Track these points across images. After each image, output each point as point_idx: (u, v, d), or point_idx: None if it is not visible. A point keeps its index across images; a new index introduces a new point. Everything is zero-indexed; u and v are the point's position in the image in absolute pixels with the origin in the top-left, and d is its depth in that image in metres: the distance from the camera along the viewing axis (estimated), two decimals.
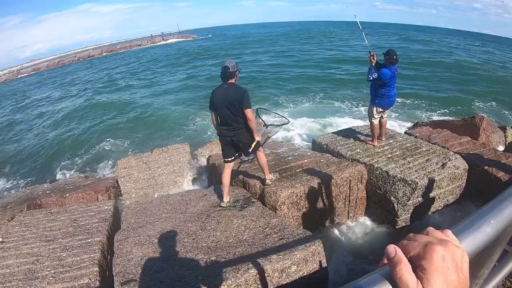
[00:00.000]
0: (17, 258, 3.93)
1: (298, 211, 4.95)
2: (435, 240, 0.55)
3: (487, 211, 0.75)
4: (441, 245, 0.53)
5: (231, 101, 4.29)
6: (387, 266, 0.55)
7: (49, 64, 57.02)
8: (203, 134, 12.73)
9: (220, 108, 4.39)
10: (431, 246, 0.52)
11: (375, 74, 5.63)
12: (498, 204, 0.78)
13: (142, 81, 26.31)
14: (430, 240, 0.55)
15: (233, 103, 4.29)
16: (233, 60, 4.46)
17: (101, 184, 6.91)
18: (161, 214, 4.78)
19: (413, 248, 0.54)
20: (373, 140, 6.35)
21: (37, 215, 5.18)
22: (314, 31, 77.00)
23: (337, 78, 21.75)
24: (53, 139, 14.21)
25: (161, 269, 3.35)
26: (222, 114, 4.43)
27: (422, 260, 0.52)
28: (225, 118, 4.43)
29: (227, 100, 4.30)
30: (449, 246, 0.53)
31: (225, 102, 4.32)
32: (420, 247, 0.54)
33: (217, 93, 4.40)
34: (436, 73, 22.13)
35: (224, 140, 4.60)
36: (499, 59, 32.25)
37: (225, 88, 4.36)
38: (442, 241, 0.55)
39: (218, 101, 4.37)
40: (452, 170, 5.23)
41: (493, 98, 16.16)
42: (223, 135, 4.56)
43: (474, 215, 0.73)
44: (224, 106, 4.34)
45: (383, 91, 5.84)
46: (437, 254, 0.51)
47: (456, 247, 0.54)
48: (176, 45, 65.19)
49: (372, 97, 6.12)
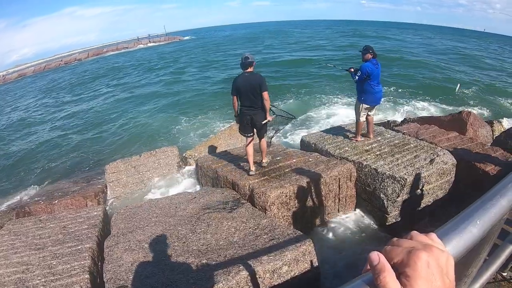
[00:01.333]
0: (7, 267, 3.88)
1: (288, 211, 4.96)
2: (419, 245, 0.54)
3: (472, 212, 0.75)
4: (425, 251, 0.51)
5: (253, 85, 5.12)
6: (370, 273, 0.54)
7: (35, 69, 56.22)
8: (191, 136, 12.70)
9: (244, 92, 5.18)
10: (415, 253, 0.51)
11: (358, 72, 5.86)
12: (484, 203, 0.78)
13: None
14: (414, 245, 0.54)
15: (254, 86, 5.12)
16: (251, 54, 5.29)
17: (90, 189, 6.84)
18: (150, 218, 4.76)
19: (397, 254, 0.53)
20: (356, 136, 6.46)
21: (26, 223, 5.11)
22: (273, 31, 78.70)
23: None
24: (38, 146, 14.07)
25: (152, 274, 3.33)
26: (245, 97, 5.22)
27: (406, 267, 0.51)
28: (247, 100, 5.23)
29: (250, 85, 5.12)
30: (433, 251, 0.52)
31: (248, 87, 5.13)
32: (404, 253, 0.53)
33: (240, 80, 5.18)
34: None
35: (244, 119, 5.38)
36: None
37: (246, 75, 5.18)
38: (426, 246, 0.53)
39: (242, 86, 5.15)
40: (441, 165, 5.28)
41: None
42: (244, 114, 5.34)
43: (459, 216, 0.73)
44: (247, 90, 5.15)
45: (367, 87, 5.92)
46: (421, 261, 0.50)
47: (441, 251, 0.53)
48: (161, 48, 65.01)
49: (358, 94, 6.20)
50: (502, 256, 1.44)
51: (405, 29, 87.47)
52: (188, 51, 49.96)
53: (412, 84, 18.87)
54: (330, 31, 69.14)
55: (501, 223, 0.88)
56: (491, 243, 1.08)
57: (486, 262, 1.35)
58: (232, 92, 5.32)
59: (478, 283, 1.26)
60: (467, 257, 0.76)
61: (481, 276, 1.30)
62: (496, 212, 0.77)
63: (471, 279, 1.13)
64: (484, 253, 1.07)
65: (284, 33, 66.03)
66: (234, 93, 5.31)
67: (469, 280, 1.11)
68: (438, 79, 20.12)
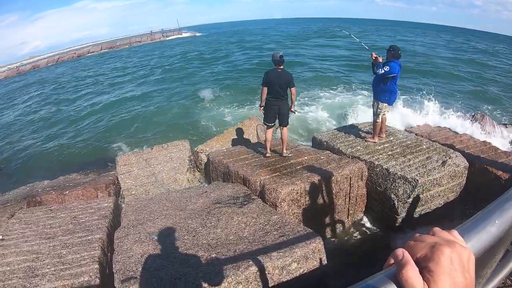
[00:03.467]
0: (17, 255, 3.92)
1: (299, 208, 4.95)
2: (442, 241, 0.54)
3: (492, 211, 0.75)
4: (449, 247, 0.52)
5: (284, 80, 5.74)
6: (392, 267, 0.55)
7: (49, 61, 56.72)
8: (203, 130, 12.71)
9: (274, 86, 5.72)
10: (438, 248, 0.52)
11: (387, 67, 5.70)
12: (502, 203, 0.78)
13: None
14: (437, 241, 0.55)
15: (286, 81, 5.75)
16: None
17: (101, 181, 6.88)
18: (161, 211, 4.78)
19: (420, 249, 0.54)
20: (374, 137, 6.33)
21: (37, 212, 5.17)
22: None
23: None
24: (50, 137, 14.22)
25: (161, 266, 3.34)
26: (275, 89, 5.75)
27: (429, 262, 0.51)
28: (277, 92, 5.78)
29: (281, 80, 5.71)
30: (456, 248, 0.53)
31: (278, 81, 5.71)
32: (427, 248, 0.53)
33: (273, 75, 5.72)
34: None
35: (272, 109, 5.92)
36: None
37: (278, 72, 5.74)
38: (449, 242, 0.54)
39: (274, 80, 5.69)
40: (453, 168, 5.23)
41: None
42: (272, 105, 5.89)
43: (478, 215, 0.73)
44: (277, 84, 5.71)
45: (391, 87, 5.87)
46: (445, 256, 0.51)
47: (463, 248, 0.54)
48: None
49: (378, 94, 6.06)
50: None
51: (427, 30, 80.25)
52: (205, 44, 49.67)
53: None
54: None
55: None
56: (505, 246, 1.07)
57: (498, 266, 1.33)
58: (264, 84, 5.79)
59: (490, 285, 1.25)
60: (482, 258, 0.76)
61: (493, 279, 1.28)
62: None
63: (485, 280, 1.12)
64: (499, 255, 1.06)
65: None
66: (265, 85, 5.77)
67: (483, 281, 1.10)
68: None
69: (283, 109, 5.94)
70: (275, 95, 5.82)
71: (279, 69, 5.76)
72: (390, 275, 0.54)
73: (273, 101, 5.88)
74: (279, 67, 5.77)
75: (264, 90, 5.82)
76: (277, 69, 5.76)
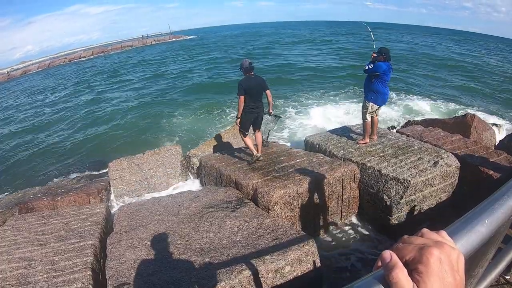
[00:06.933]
0: (9, 263, 3.89)
1: (291, 211, 4.95)
2: (430, 243, 0.54)
3: (481, 211, 0.75)
4: (437, 248, 0.52)
5: (260, 85, 5.88)
6: (381, 270, 0.54)
7: (40, 66, 56.39)
8: (194, 135, 12.71)
9: (253, 92, 5.80)
10: (427, 249, 0.52)
11: (371, 65, 5.85)
12: (492, 203, 0.78)
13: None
14: (425, 242, 0.55)
15: (261, 86, 5.89)
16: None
17: (93, 186, 6.84)
18: (153, 216, 4.76)
19: (409, 251, 0.54)
20: (364, 138, 6.37)
21: (29, 219, 5.12)
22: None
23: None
24: (42, 143, 14.10)
25: (154, 272, 3.33)
26: (254, 96, 5.84)
27: (418, 264, 0.51)
28: (256, 98, 5.89)
29: (258, 85, 5.85)
30: (445, 248, 0.53)
31: (257, 87, 5.83)
32: (415, 250, 0.53)
33: (250, 81, 5.77)
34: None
35: (251, 116, 5.98)
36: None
37: (253, 78, 5.83)
38: (437, 243, 0.54)
39: (253, 87, 5.77)
40: (444, 168, 5.26)
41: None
42: (252, 112, 5.94)
43: (468, 215, 0.73)
44: (256, 90, 5.83)
45: (377, 87, 5.92)
46: (434, 257, 0.50)
47: (452, 248, 0.54)
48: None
49: (366, 93, 6.18)
50: (506, 259, 1.43)
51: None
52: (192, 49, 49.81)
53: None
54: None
55: (508, 224, 0.88)
56: (497, 245, 1.08)
57: (491, 264, 1.34)
58: (241, 92, 5.74)
59: (483, 284, 1.26)
60: (473, 257, 0.76)
61: (486, 277, 1.29)
62: (504, 212, 0.77)
63: (477, 279, 1.13)
64: (489, 254, 1.07)
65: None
66: (242, 93, 5.74)
67: (475, 281, 1.11)
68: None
69: (260, 113, 6.08)
70: (254, 101, 5.90)
71: (252, 75, 5.85)
72: (379, 277, 0.54)
73: (252, 108, 5.93)
74: (250, 73, 5.85)
75: (241, 99, 5.81)
76: (250, 75, 5.83)
